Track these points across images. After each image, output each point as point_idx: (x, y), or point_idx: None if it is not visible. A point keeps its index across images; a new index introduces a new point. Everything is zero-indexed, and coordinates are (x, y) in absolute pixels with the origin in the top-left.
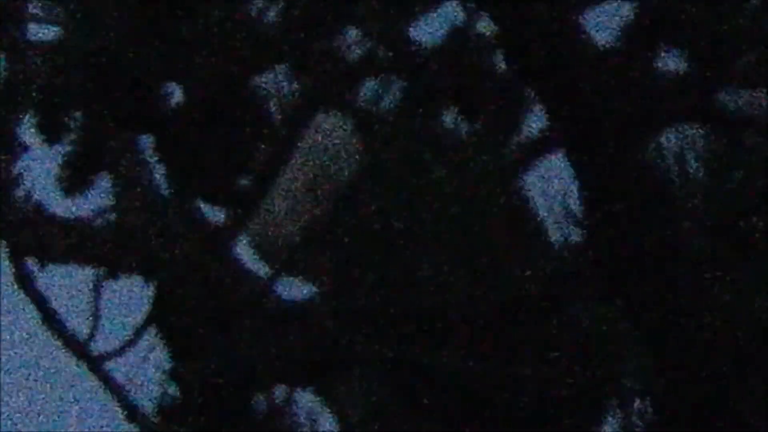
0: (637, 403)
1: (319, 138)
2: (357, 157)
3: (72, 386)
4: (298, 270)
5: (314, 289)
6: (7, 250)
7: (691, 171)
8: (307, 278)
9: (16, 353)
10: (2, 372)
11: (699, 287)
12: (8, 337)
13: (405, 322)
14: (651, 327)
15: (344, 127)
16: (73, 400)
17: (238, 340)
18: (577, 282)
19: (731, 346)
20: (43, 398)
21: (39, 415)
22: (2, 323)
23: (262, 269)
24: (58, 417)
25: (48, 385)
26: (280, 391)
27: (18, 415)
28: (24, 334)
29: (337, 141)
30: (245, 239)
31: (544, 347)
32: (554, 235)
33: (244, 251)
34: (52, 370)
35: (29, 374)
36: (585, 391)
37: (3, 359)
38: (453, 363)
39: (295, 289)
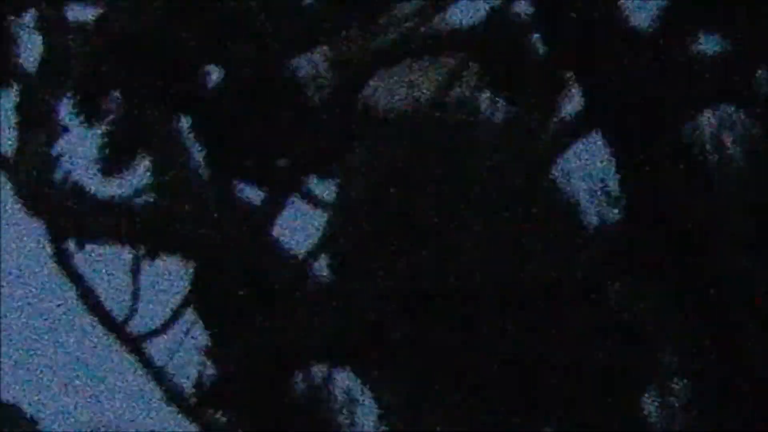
0: (675, 382)
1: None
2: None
3: (110, 366)
4: (336, 250)
5: (353, 270)
6: (46, 230)
7: (728, 151)
8: (346, 259)
9: (54, 333)
10: (41, 353)
11: (737, 266)
12: (47, 317)
13: (441, 305)
14: (690, 306)
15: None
16: (110, 380)
17: (275, 320)
18: (615, 263)
19: None
20: (81, 378)
21: (78, 395)
22: (41, 304)
23: (299, 250)
24: (96, 397)
25: (86, 366)
26: (318, 372)
27: (57, 395)
28: (62, 314)
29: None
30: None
31: (583, 328)
32: (591, 218)
33: (281, 231)
34: (91, 351)
35: (68, 354)
36: (623, 370)
37: (41, 340)
38: (490, 345)
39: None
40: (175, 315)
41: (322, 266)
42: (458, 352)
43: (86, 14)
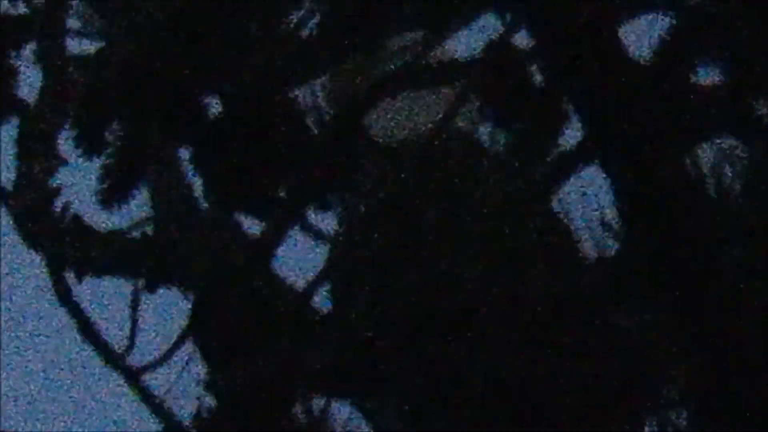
0: (675, 414)
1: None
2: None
3: (110, 399)
4: (336, 281)
5: (353, 300)
6: (45, 262)
7: (727, 182)
8: (346, 290)
9: (53, 366)
10: (42, 384)
11: (737, 297)
12: (45, 349)
13: (441, 331)
14: (691, 337)
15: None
16: (110, 412)
17: (275, 352)
18: (615, 293)
19: None
20: (81, 410)
21: (77, 427)
22: (41, 336)
23: (298, 281)
24: (97, 429)
25: (86, 398)
26: (317, 403)
27: (56, 427)
28: (62, 347)
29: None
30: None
31: (582, 357)
32: (589, 250)
33: (281, 264)
34: (91, 383)
35: (67, 386)
36: (622, 396)
37: (42, 372)
38: (489, 365)
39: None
40: (174, 347)
41: (322, 298)
42: (456, 376)
43: (86, 46)
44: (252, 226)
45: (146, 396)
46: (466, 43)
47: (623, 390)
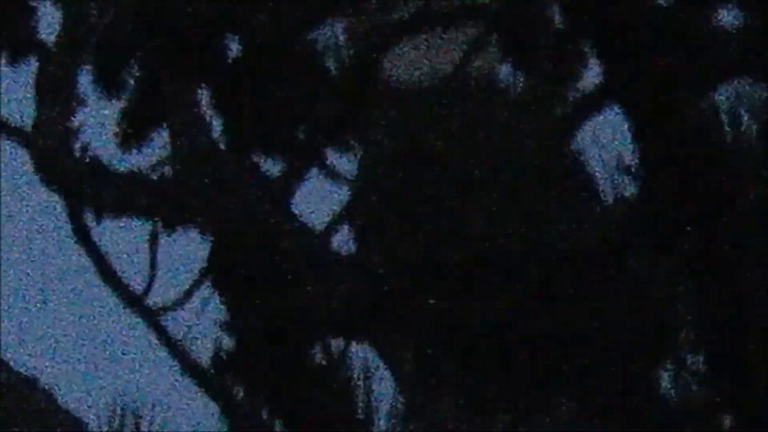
0: (690, 357)
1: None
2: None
3: (128, 339)
4: (355, 223)
5: (371, 243)
6: (63, 203)
7: (744, 126)
8: (365, 232)
9: (72, 306)
10: (59, 326)
11: (754, 242)
12: (64, 290)
13: (458, 276)
14: (707, 282)
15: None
16: (129, 352)
17: (293, 293)
18: (631, 237)
19: None
20: (100, 351)
21: (95, 368)
22: (59, 276)
23: (317, 223)
24: (115, 370)
25: (104, 338)
26: (336, 344)
27: (75, 368)
28: (80, 287)
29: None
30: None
31: (598, 301)
32: (608, 192)
33: (300, 205)
34: (109, 323)
35: (86, 327)
36: (639, 344)
37: (59, 312)
38: (503, 315)
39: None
40: (193, 288)
41: (340, 240)
42: (472, 323)
43: None
44: (271, 167)
45: (164, 337)
46: None
47: (639, 334)
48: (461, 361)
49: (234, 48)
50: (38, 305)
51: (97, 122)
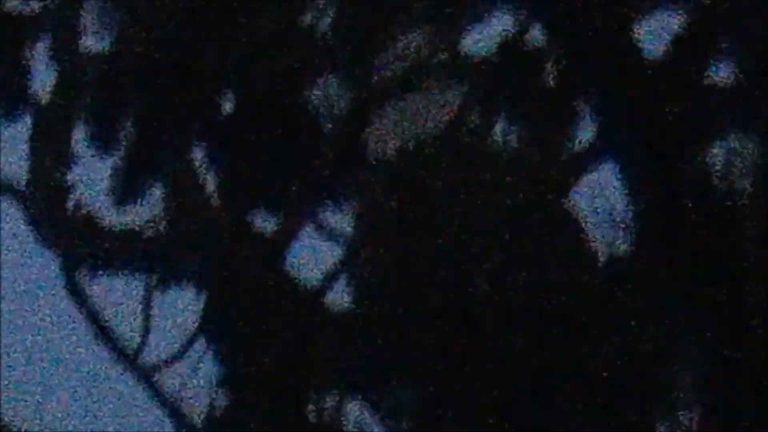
0: (684, 415)
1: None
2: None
3: (122, 397)
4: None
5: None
6: (58, 259)
7: (737, 181)
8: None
9: (65, 363)
10: (53, 383)
11: (751, 296)
12: (58, 347)
13: (452, 316)
14: (704, 337)
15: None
16: (123, 411)
17: (287, 350)
18: (627, 292)
19: None
20: (94, 409)
21: (91, 425)
22: (53, 334)
23: (311, 279)
24: (109, 427)
25: (99, 396)
26: (330, 400)
27: (69, 425)
28: (74, 344)
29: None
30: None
31: (593, 352)
32: (601, 249)
33: (294, 262)
34: (103, 381)
35: (80, 384)
36: (635, 399)
37: (52, 370)
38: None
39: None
40: (187, 345)
41: (334, 297)
42: (466, 371)
43: (100, 44)
44: (264, 224)
45: (158, 395)
46: (478, 40)
47: (636, 392)
48: (456, 400)
49: (228, 104)
50: (31, 362)
51: (91, 178)
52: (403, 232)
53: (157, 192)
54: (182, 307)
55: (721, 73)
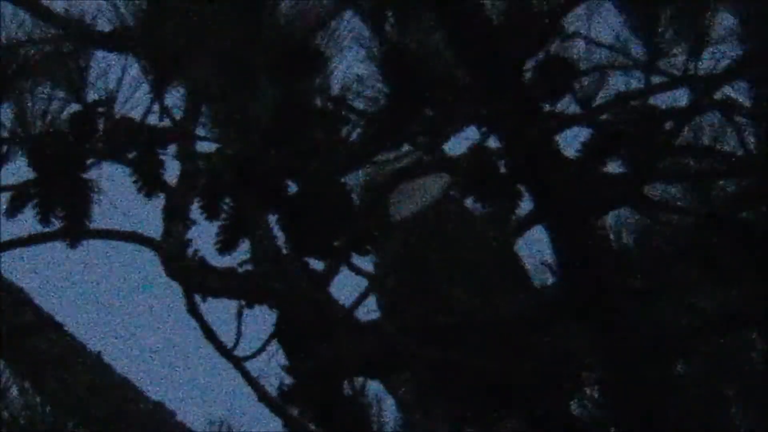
0: (589, 390)
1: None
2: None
3: (222, 378)
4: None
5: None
6: (181, 289)
7: (625, 241)
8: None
9: (185, 359)
10: (175, 371)
11: (634, 313)
12: (181, 348)
13: (443, 335)
14: (605, 340)
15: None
16: (222, 387)
17: (331, 349)
18: (552, 309)
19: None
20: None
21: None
22: (176, 339)
23: (346, 301)
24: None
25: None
26: (358, 383)
27: (182, 397)
28: (191, 346)
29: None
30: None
31: (531, 353)
32: (537, 280)
33: (335, 289)
34: (210, 369)
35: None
36: (555, 381)
37: (177, 364)
38: (473, 361)
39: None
40: (265, 344)
41: (362, 313)
42: (452, 365)
43: (209, 146)
44: (316, 264)
45: (247, 376)
46: (456, 145)
47: (560, 377)
48: (446, 392)
49: (292, 188)
50: (160, 363)
51: (204, 235)
52: (408, 275)
53: (246, 244)
54: (262, 319)
55: (614, 166)
